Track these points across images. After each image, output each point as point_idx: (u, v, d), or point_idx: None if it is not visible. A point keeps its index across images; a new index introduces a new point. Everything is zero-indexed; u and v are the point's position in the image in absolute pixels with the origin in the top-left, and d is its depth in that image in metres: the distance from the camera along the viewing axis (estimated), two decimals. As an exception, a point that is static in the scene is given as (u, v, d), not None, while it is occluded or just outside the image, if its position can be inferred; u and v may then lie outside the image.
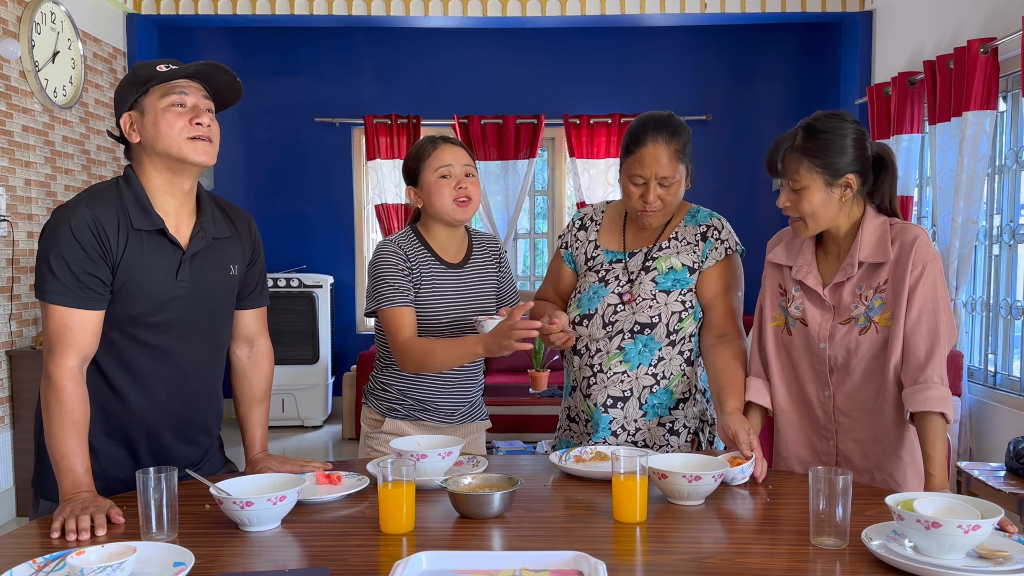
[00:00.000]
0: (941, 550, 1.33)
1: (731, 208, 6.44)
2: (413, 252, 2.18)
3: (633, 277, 2.12)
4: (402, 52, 6.40)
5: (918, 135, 4.81)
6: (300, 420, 6.23)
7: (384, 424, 2.22)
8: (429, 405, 2.21)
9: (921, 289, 1.81)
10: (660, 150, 2.00)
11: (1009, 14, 3.98)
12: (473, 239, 2.29)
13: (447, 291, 2.18)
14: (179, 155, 1.74)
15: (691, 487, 1.66)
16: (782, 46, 6.35)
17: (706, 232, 2.12)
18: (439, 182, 2.13)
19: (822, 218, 1.86)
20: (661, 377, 2.11)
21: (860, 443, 1.91)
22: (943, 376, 1.80)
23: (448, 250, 2.22)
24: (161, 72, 1.74)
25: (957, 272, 4.21)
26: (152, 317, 1.76)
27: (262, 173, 6.48)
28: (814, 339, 1.92)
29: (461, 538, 1.53)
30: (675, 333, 2.09)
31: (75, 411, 1.67)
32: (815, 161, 1.82)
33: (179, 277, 1.77)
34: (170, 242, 1.77)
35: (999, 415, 4.09)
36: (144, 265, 1.73)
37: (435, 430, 2.20)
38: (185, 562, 1.34)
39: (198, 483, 1.73)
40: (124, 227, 1.72)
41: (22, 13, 4.51)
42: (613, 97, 6.37)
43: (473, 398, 2.29)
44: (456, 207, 2.14)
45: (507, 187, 6.39)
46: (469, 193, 2.14)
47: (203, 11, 5.62)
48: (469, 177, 2.16)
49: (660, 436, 2.12)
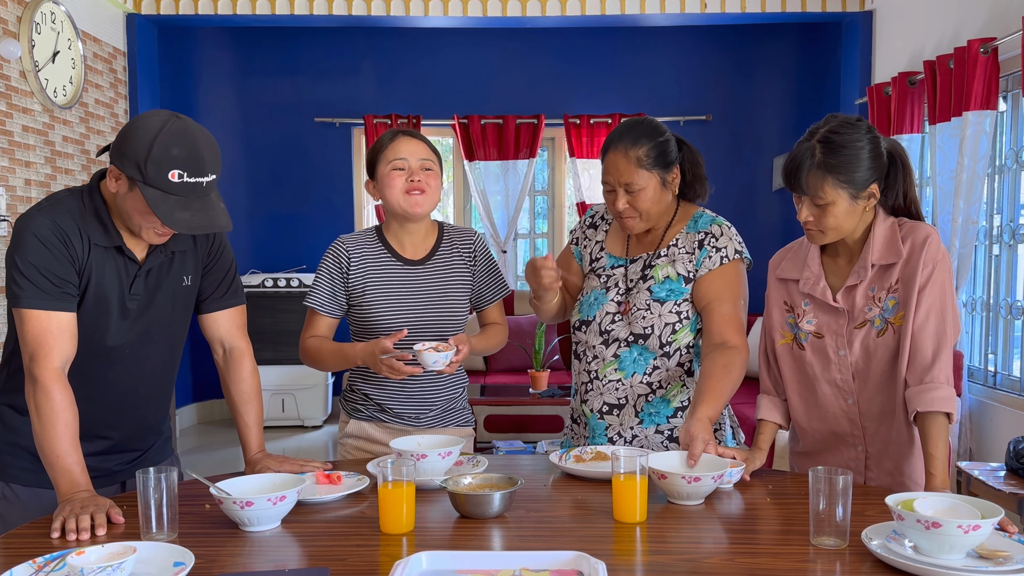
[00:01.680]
0: (941, 550, 1.33)
1: (731, 208, 6.44)
2: (365, 251, 2.15)
3: (631, 286, 2.10)
4: (402, 52, 6.40)
5: (918, 135, 4.80)
6: (300, 420, 6.23)
7: (349, 425, 2.22)
8: (387, 407, 2.17)
9: (930, 289, 1.81)
10: (619, 158, 2.01)
11: (1009, 14, 3.98)
12: (444, 234, 2.22)
13: (404, 289, 2.14)
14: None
15: (690, 488, 1.66)
16: (782, 46, 6.35)
17: (703, 240, 2.07)
18: (391, 174, 2.09)
19: (845, 228, 1.84)
20: (657, 386, 2.08)
21: (887, 445, 1.90)
22: (949, 376, 1.80)
23: (407, 247, 2.18)
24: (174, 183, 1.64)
25: (957, 272, 4.20)
26: (104, 327, 1.77)
27: (262, 173, 6.48)
28: (832, 348, 1.90)
29: (461, 538, 1.53)
30: (668, 344, 2.06)
31: (66, 412, 1.67)
32: (840, 178, 1.78)
33: (132, 291, 1.78)
34: (127, 258, 1.77)
35: (999, 415, 4.09)
36: (101, 276, 1.74)
37: (400, 432, 2.14)
38: (185, 562, 1.34)
39: (198, 483, 1.73)
40: (85, 237, 1.72)
41: (22, 13, 4.51)
42: (613, 97, 6.37)
43: (441, 402, 2.20)
44: (407, 198, 2.09)
45: (507, 187, 6.39)
46: (422, 186, 2.09)
47: (203, 11, 5.61)
48: (427, 171, 2.11)
49: (658, 443, 2.10)
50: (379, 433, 2.18)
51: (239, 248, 6.50)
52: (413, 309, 2.13)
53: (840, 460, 1.96)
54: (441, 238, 2.21)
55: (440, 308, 2.15)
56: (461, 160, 6.45)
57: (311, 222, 6.51)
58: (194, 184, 1.64)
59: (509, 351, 5.86)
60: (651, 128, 2.06)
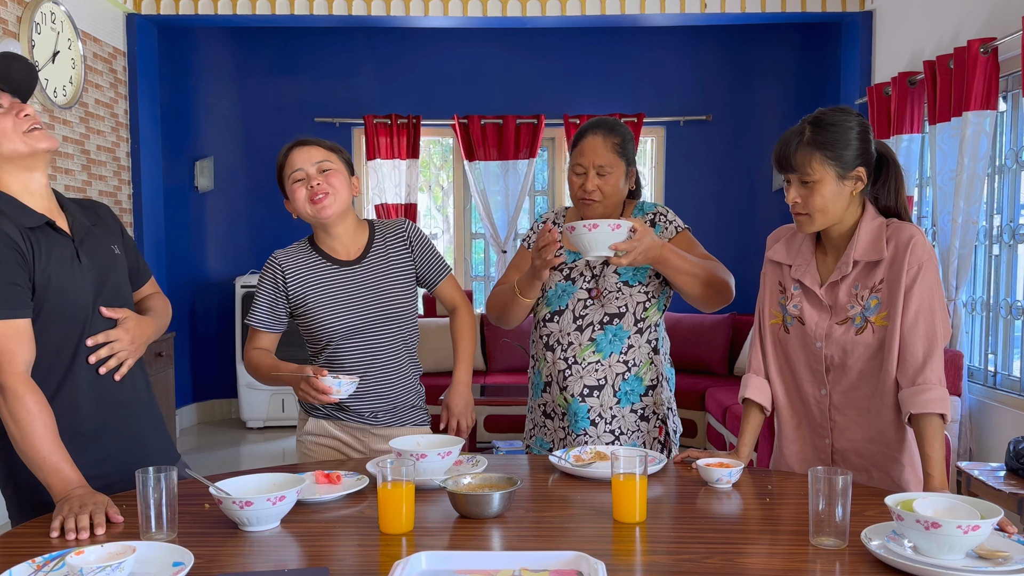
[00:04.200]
0: (941, 550, 1.33)
1: (731, 208, 6.51)
2: (299, 261, 2.17)
3: (597, 273, 2.26)
4: (402, 52, 6.40)
5: (918, 135, 4.80)
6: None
7: (308, 423, 2.23)
8: (343, 404, 2.16)
9: (917, 289, 1.81)
10: (598, 141, 2.21)
11: (1009, 14, 3.98)
12: (375, 231, 2.23)
13: (344, 290, 2.14)
14: (28, 151, 1.74)
15: (591, 236, 1.98)
16: (782, 46, 6.35)
17: (654, 219, 2.31)
18: (293, 188, 2.10)
19: (832, 212, 1.86)
20: (632, 364, 2.25)
21: (855, 442, 1.92)
22: (941, 377, 1.80)
23: (340, 250, 2.19)
24: None
25: (957, 272, 4.21)
26: (70, 308, 1.76)
27: (262, 173, 6.48)
28: (811, 338, 1.92)
29: (461, 538, 1.52)
30: (642, 321, 2.25)
31: (42, 413, 1.66)
32: (827, 153, 1.82)
33: (81, 262, 1.79)
34: (58, 234, 1.78)
35: (999, 415, 4.09)
36: (52, 263, 1.74)
37: (357, 431, 2.19)
38: (184, 562, 1.34)
39: (197, 482, 1.73)
40: (23, 232, 1.71)
41: (22, 13, 4.51)
42: (613, 97, 6.37)
43: (396, 402, 2.20)
44: (313, 206, 2.09)
45: (507, 187, 6.39)
46: (324, 189, 2.08)
47: (203, 11, 5.61)
48: (325, 172, 2.10)
49: (632, 423, 2.24)
50: (338, 431, 2.20)
51: (239, 248, 6.51)
52: (356, 308, 2.14)
53: (809, 450, 1.98)
54: (373, 235, 2.22)
55: (384, 303, 2.16)
56: (461, 160, 6.45)
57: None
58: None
59: (509, 351, 5.86)
60: (623, 126, 2.28)
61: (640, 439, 2.26)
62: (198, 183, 6.37)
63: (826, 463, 1.94)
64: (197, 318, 6.55)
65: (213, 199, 6.49)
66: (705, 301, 2.19)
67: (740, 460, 1.91)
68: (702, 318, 5.87)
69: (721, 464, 1.82)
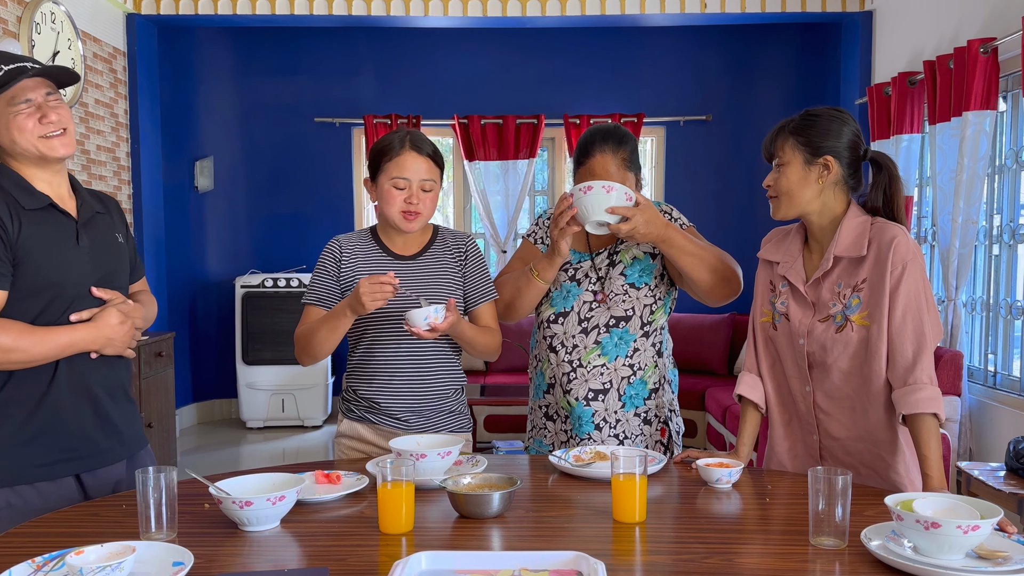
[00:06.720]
0: (940, 550, 1.33)
1: (731, 208, 6.50)
2: (357, 247, 2.17)
3: (602, 275, 2.23)
4: (402, 52, 6.40)
5: (918, 135, 4.80)
6: (300, 420, 6.23)
7: (343, 424, 2.21)
8: (378, 403, 2.13)
9: (903, 289, 1.81)
10: (608, 160, 2.15)
11: (1009, 14, 3.98)
12: (438, 235, 2.23)
13: None
14: (39, 155, 1.80)
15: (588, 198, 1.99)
16: (782, 46, 6.35)
17: None
18: (391, 191, 2.08)
19: (797, 197, 1.90)
20: (638, 368, 2.22)
21: (841, 440, 1.92)
22: (932, 376, 1.80)
23: (399, 246, 2.19)
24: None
25: (957, 272, 4.21)
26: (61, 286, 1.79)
27: (262, 173, 6.48)
28: (795, 334, 1.94)
29: (460, 538, 1.53)
30: (648, 324, 2.22)
31: (17, 323, 1.71)
32: (799, 139, 1.89)
33: (80, 242, 1.84)
34: (61, 214, 1.83)
35: (999, 415, 4.09)
36: (43, 240, 1.78)
37: (389, 435, 2.11)
38: (184, 562, 1.34)
39: (197, 482, 1.73)
40: (15, 210, 1.76)
41: (22, 13, 4.51)
42: (613, 97, 6.37)
43: (433, 404, 2.15)
44: (402, 219, 2.09)
45: (507, 187, 6.39)
46: (419, 209, 2.08)
47: (203, 11, 5.61)
48: (426, 192, 2.09)
49: (635, 426, 2.22)
50: (370, 434, 2.17)
51: (239, 248, 6.51)
52: (401, 301, 2.09)
53: (799, 447, 2.00)
54: (435, 238, 2.23)
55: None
56: (461, 160, 6.45)
57: (311, 222, 6.51)
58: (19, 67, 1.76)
59: (509, 351, 5.86)
60: (628, 133, 2.20)
61: (643, 442, 2.24)
62: (198, 183, 6.37)
63: (815, 459, 1.96)
64: (197, 318, 6.55)
65: (213, 199, 6.49)
66: (712, 289, 2.13)
67: (740, 460, 1.91)
68: (702, 318, 5.87)
69: (721, 464, 1.83)
